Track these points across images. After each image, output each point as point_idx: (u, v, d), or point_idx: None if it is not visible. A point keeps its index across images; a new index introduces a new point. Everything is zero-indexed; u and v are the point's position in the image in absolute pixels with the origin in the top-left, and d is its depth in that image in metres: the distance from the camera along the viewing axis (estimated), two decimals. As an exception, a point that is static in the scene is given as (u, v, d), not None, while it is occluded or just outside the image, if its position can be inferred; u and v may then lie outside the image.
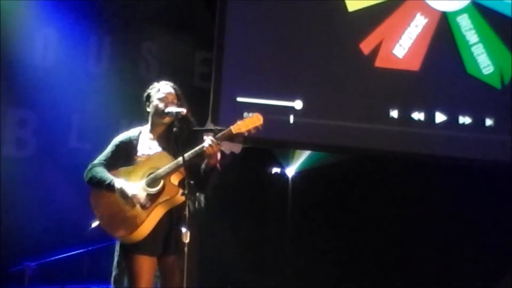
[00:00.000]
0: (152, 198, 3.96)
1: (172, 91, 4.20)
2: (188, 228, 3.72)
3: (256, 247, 6.88)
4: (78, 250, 5.46)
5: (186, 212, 3.75)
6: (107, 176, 4.03)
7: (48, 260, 5.56)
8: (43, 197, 6.23)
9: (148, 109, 4.19)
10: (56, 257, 5.53)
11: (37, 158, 6.43)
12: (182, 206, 3.89)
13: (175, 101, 4.15)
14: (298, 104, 6.52)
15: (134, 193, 3.96)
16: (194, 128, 4.17)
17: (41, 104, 6.44)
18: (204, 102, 6.41)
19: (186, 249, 3.71)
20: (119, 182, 3.99)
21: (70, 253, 5.47)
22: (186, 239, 3.71)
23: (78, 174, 4.15)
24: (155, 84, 4.26)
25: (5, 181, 6.15)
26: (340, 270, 7.02)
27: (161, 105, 4.12)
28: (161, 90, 4.18)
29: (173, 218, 3.99)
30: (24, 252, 5.83)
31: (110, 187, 3.98)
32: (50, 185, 6.29)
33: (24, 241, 6.00)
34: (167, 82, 4.26)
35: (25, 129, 6.51)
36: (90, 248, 5.29)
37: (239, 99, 6.43)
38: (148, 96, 4.22)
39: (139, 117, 4.28)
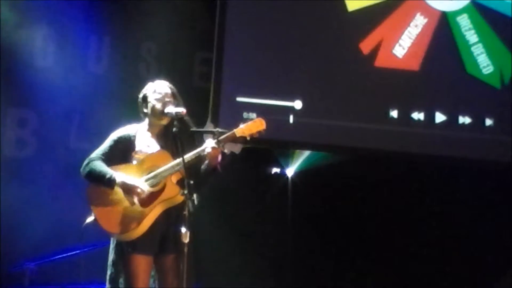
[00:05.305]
0: (152, 196, 3.96)
1: (169, 90, 4.18)
2: (188, 228, 3.72)
3: (256, 247, 6.87)
4: (79, 250, 5.45)
5: (186, 212, 3.75)
6: (107, 170, 4.00)
7: (48, 260, 5.55)
8: (43, 197, 6.23)
9: (146, 110, 4.18)
10: (56, 257, 5.52)
11: (37, 158, 6.43)
12: (179, 205, 3.89)
13: (172, 100, 4.14)
14: (297, 104, 6.52)
15: (137, 184, 3.94)
16: (195, 129, 4.16)
17: (41, 104, 6.44)
18: (204, 102, 6.42)
19: (186, 249, 3.71)
20: (119, 176, 3.97)
21: (70, 253, 5.45)
22: (186, 239, 3.71)
23: (78, 174, 4.14)
24: (151, 84, 4.24)
25: (5, 181, 6.15)
26: (340, 270, 7.02)
27: (158, 106, 4.11)
28: (157, 90, 4.16)
29: (171, 217, 3.98)
30: (24, 252, 5.83)
31: (111, 181, 3.96)
32: (50, 185, 6.29)
33: (24, 241, 6.01)
34: (163, 81, 4.25)
35: (25, 129, 6.51)
36: (90, 248, 5.29)
37: (239, 99, 6.44)
38: (145, 97, 4.19)
39: (139, 117, 4.28)
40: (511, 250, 6.87)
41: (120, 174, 3.98)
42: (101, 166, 4.02)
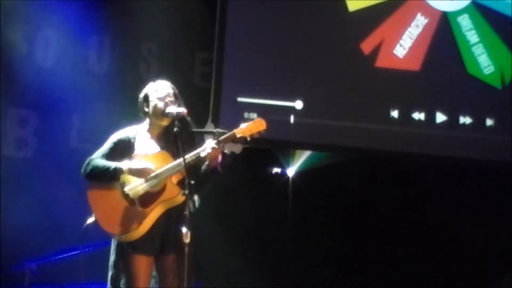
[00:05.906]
0: (153, 197, 3.96)
1: (171, 90, 4.18)
2: (188, 228, 3.72)
3: (256, 247, 6.87)
4: (78, 250, 5.44)
5: (187, 212, 3.75)
6: (111, 163, 4.00)
7: (48, 260, 5.55)
8: (43, 197, 6.23)
9: (146, 109, 4.18)
10: (56, 257, 5.52)
11: (37, 158, 6.43)
12: (180, 206, 3.89)
13: (174, 100, 4.13)
14: (298, 104, 6.52)
15: (144, 166, 3.94)
16: (195, 130, 4.16)
17: (41, 104, 6.44)
18: (204, 102, 6.41)
19: (186, 249, 3.71)
20: (125, 164, 3.97)
21: (70, 253, 5.45)
22: (187, 239, 3.71)
23: (78, 174, 4.14)
24: (152, 83, 4.24)
25: (5, 181, 6.14)
26: (340, 270, 7.02)
27: (160, 105, 4.11)
28: (159, 90, 4.16)
29: (171, 217, 3.98)
30: (24, 252, 5.83)
31: (117, 171, 3.96)
32: (50, 185, 6.28)
33: (24, 241, 6.00)
34: (165, 82, 4.24)
35: (25, 129, 6.51)
36: (91, 249, 5.28)
37: (240, 99, 6.44)
38: (146, 97, 4.19)
39: (139, 118, 4.27)
40: (511, 250, 6.87)
41: (125, 163, 3.98)
42: (103, 162, 4.03)
